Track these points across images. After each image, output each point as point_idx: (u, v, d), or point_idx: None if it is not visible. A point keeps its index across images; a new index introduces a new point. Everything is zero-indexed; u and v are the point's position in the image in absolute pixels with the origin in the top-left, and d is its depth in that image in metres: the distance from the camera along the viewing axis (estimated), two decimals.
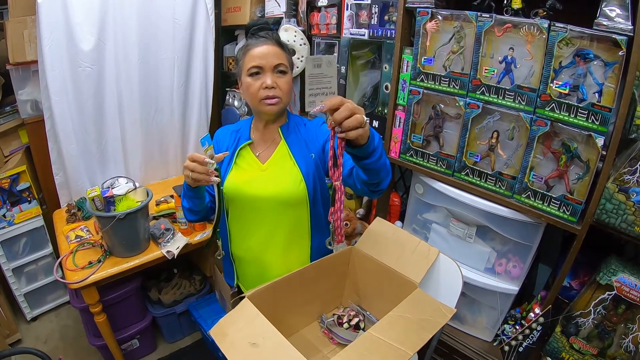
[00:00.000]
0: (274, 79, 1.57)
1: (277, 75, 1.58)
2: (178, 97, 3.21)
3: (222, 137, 1.80)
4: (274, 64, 1.56)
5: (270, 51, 1.57)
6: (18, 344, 3.02)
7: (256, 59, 1.56)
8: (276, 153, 1.67)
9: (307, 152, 1.65)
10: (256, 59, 1.56)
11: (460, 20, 1.87)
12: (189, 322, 3.02)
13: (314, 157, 1.64)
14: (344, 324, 1.68)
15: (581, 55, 1.55)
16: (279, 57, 1.58)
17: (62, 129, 2.73)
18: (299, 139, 1.68)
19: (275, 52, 1.58)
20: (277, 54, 1.58)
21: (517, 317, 2.09)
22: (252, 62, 1.56)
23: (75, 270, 2.24)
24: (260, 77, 1.57)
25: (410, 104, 2.15)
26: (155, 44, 2.97)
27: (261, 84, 1.56)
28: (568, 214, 1.71)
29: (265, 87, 1.55)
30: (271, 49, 1.57)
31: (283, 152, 1.66)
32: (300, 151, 1.65)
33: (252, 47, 1.58)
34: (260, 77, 1.57)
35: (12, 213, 2.91)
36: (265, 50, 1.57)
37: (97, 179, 2.97)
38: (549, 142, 1.72)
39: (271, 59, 1.56)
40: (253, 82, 1.57)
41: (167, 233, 2.47)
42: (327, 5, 2.53)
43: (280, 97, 1.58)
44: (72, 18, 2.56)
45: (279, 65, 1.57)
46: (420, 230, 2.37)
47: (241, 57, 1.62)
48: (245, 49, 1.61)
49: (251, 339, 1.23)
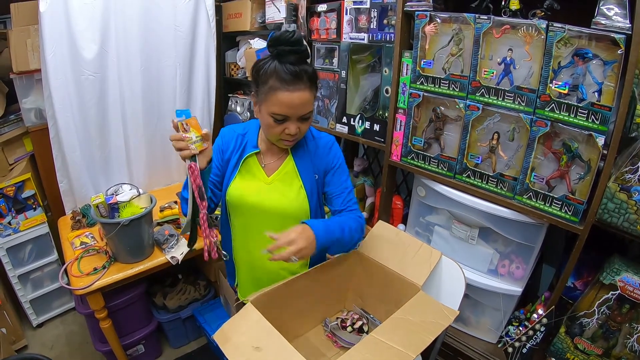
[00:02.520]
0: (298, 124, 1.47)
1: (302, 122, 1.48)
2: (180, 103, 3.22)
3: (228, 137, 1.69)
4: (302, 114, 1.46)
5: (303, 100, 1.43)
6: (24, 350, 3.03)
7: (284, 107, 1.42)
8: (283, 167, 1.63)
9: (312, 170, 1.62)
10: (284, 108, 1.42)
11: (458, 23, 1.87)
12: (194, 327, 3.02)
13: (317, 178, 1.63)
14: (348, 327, 1.68)
15: (580, 54, 1.55)
16: (308, 105, 1.46)
17: (66, 137, 2.76)
18: (307, 154, 1.64)
19: (306, 99, 1.44)
20: (307, 102, 1.45)
21: (521, 318, 2.08)
22: (278, 109, 1.43)
23: (81, 276, 2.25)
24: (284, 123, 1.46)
25: (410, 107, 2.15)
26: (157, 52, 2.99)
27: (283, 129, 1.47)
28: (570, 214, 1.71)
29: (287, 133, 1.47)
30: (302, 96, 1.42)
31: (290, 168, 1.63)
32: (306, 168, 1.62)
33: (281, 89, 1.40)
34: (283, 123, 1.46)
35: (18, 220, 2.93)
36: (296, 99, 1.41)
37: (101, 186, 3.00)
38: (550, 142, 1.72)
39: (300, 110, 1.44)
40: (275, 125, 1.46)
41: (171, 239, 2.48)
42: (326, 11, 2.54)
43: (297, 138, 1.54)
44: (75, 27, 2.58)
45: (306, 114, 1.48)
46: (423, 232, 2.37)
47: (266, 89, 1.44)
48: (273, 85, 1.42)
49: (255, 343, 1.24)
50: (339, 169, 1.67)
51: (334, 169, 1.66)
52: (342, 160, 1.69)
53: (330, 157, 1.66)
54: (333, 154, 1.67)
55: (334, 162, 1.66)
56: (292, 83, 1.40)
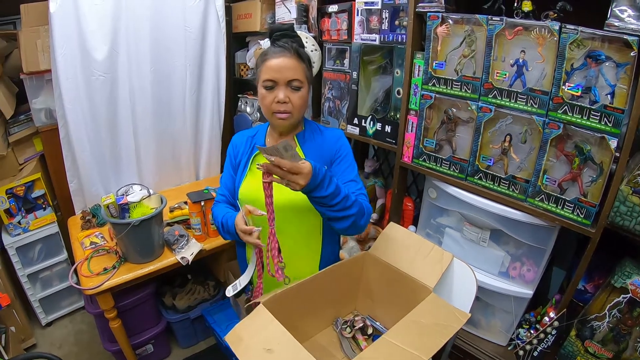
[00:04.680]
0: (287, 93, 1.55)
1: (291, 90, 1.56)
2: (190, 104, 3.23)
3: (238, 142, 1.78)
4: (289, 78, 1.54)
5: (287, 64, 1.53)
6: (33, 348, 3.05)
7: (271, 72, 1.53)
8: None
9: (322, 162, 1.62)
10: (271, 72, 1.53)
11: (470, 24, 1.87)
12: (203, 327, 3.03)
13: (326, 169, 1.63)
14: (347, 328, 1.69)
15: (593, 56, 1.55)
16: (294, 72, 1.55)
17: (76, 137, 2.77)
18: (315, 147, 1.67)
19: (292, 65, 1.54)
20: (293, 68, 1.54)
21: (532, 321, 2.07)
22: (267, 75, 1.54)
23: (91, 276, 2.26)
24: (274, 90, 1.55)
25: (422, 109, 2.15)
26: (167, 52, 3.00)
27: (274, 98, 1.55)
28: (582, 216, 1.70)
29: (277, 101, 1.54)
30: (288, 62, 1.53)
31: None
32: (315, 160, 1.60)
33: (269, 57, 1.55)
34: (274, 90, 1.55)
35: (27, 220, 2.95)
36: (281, 63, 1.53)
37: (111, 186, 3.01)
38: (562, 144, 1.71)
39: (286, 72, 1.53)
40: (267, 95, 1.56)
41: (181, 239, 2.49)
42: (337, 11, 2.54)
43: (291, 112, 1.57)
44: (85, 27, 2.59)
45: (294, 81, 1.54)
46: (434, 234, 2.37)
47: (260, 65, 1.59)
48: (263, 57, 1.57)
49: (266, 344, 1.25)
50: (344, 159, 1.68)
51: (340, 159, 1.67)
52: (348, 152, 1.70)
53: (337, 147, 1.68)
54: (340, 144, 1.69)
55: (340, 152, 1.68)
56: (279, 52, 1.55)
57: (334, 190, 1.41)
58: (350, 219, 1.48)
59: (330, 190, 1.39)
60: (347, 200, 1.45)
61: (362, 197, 1.59)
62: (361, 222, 1.54)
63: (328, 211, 1.45)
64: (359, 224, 1.53)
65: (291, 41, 1.58)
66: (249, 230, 1.46)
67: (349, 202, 1.46)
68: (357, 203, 1.49)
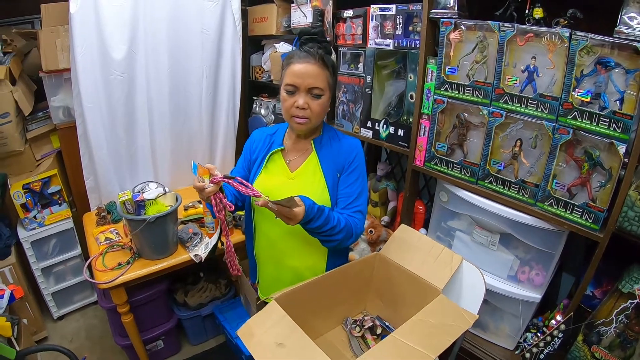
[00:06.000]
0: (307, 100, 1.56)
1: (311, 97, 1.57)
2: (206, 105, 3.28)
3: (257, 138, 1.81)
4: (310, 86, 1.54)
5: (309, 71, 1.54)
6: (44, 341, 3.10)
7: (293, 77, 1.55)
8: (306, 163, 1.69)
9: (335, 168, 1.66)
10: (293, 77, 1.55)
11: (483, 30, 1.89)
12: (213, 325, 3.05)
13: (339, 176, 1.67)
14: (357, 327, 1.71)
15: (602, 63, 1.56)
16: (316, 79, 1.55)
17: (93, 135, 2.82)
18: (330, 154, 1.69)
19: (315, 72, 1.54)
20: (315, 75, 1.55)
21: (540, 325, 2.08)
22: (289, 79, 1.56)
23: (105, 271, 2.30)
24: (295, 95, 1.56)
25: (434, 113, 2.17)
26: (185, 54, 3.04)
27: (294, 102, 1.56)
28: (590, 221, 1.71)
29: (296, 106, 1.56)
30: (311, 68, 1.54)
31: (313, 164, 1.68)
32: (329, 165, 1.66)
33: (294, 61, 1.56)
34: (294, 95, 1.56)
35: (43, 215, 3.00)
36: (304, 69, 1.54)
37: (127, 184, 3.05)
38: (572, 150, 1.72)
39: (308, 79, 1.54)
40: (287, 98, 1.58)
41: (195, 237, 2.52)
42: (352, 16, 2.57)
43: (309, 118, 1.59)
44: (104, 28, 2.64)
45: (314, 89, 1.55)
46: (444, 237, 2.38)
47: (284, 67, 1.60)
48: (289, 60, 1.59)
49: (278, 339, 1.27)
50: (354, 172, 1.69)
51: (350, 171, 1.69)
52: (360, 164, 1.71)
53: (351, 158, 1.69)
54: (354, 156, 1.70)
55: (352, 164, 1.69)
56: (304, 57, 1.56)
57: (322, 223, 1.50)
58: (335, 242, 1.58)
59: (319, 223, 1.49)
60: (334, 229, 1.54)
61: (357, 217, 1.65)
62: (347, 243, 1.65)
63: (314, 235, 1.55)
64: (344, 244, 1.65)
65: (318, 47, 1.59)
66: (201, 187, 1.48)
67: (336, 230, 1.55)
68: (345, 229, 1.57)
